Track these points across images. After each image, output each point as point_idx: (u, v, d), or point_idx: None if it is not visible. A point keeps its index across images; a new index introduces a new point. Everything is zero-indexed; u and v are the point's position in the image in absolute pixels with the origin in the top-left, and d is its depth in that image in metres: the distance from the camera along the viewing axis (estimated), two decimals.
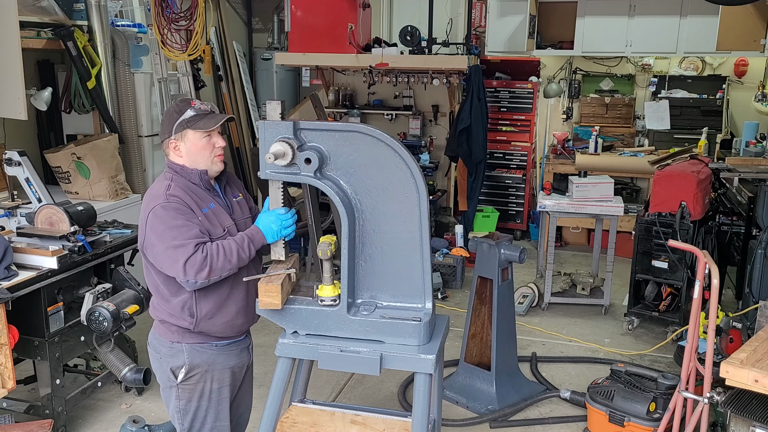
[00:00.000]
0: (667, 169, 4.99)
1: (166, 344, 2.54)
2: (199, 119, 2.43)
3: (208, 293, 2.46)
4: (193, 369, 2.53)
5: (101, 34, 5.15)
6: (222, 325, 2.53)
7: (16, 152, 3.98)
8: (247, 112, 8.02)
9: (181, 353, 2.52)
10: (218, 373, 2.58)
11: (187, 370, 2.53)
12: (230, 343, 2.61)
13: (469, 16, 6.92)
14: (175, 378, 2.54)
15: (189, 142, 2.44)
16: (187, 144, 2.44)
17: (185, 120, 2.42)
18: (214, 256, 2.33)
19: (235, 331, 2.60)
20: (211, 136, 2.45)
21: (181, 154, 2.46)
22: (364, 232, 2.40)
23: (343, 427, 2.65)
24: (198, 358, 2.53)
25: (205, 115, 2.45)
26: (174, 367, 2.54)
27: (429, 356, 2.35)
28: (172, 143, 2.46)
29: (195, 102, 2.47)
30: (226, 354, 2.60)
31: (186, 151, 2.46)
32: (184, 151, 2.46)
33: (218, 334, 2.56)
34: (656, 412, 3.40)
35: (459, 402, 4.03)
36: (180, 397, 2.57)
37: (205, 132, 2.42)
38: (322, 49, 6.25)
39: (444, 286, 5.81)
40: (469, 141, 6.26)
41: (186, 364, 2.52)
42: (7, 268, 3.22)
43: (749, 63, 7.11)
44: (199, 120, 2.42)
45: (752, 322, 3.77)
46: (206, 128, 2.42)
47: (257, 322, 2.72)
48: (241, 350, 2.68)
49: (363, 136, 2.32)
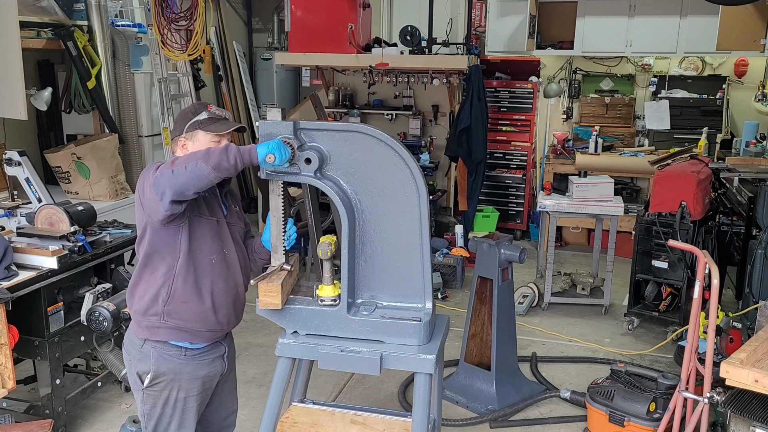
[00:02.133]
0: (667, 169, 4.99)
1: (136, 347, 2.50)
2: (212, 123, 2.45)
3: (185, 275, 2.41)
4: (159, 376, 2.48)
5: (101, 34, 5.15)
6: (194, 314, 2.44)
7: (16, 152, 3.98)
8: (247, 112, 8.02)
9: (148, 358, 2.47)
10: (185, 382, 2.51)
11: (152, 376, 2.48)
12: (201, 352, 2.53)
13: (469, 16, 6.92)
14: (141, 383, 2.50)
15: (198, 142, 2.45)
16: (195, 144, 2.45)
17: (198, 121, 2.45)
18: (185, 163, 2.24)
19: (207, 327, 2.49)
20: (220, 141, 2.45)
21: (187, 151, 2.46)
22: (364, 232, 2.40)
23: (343, 427, 2.66)
24: (164, 366, 2.47)
25: (218, 120, 2.47)
26: (140, 371, 2.50)
27: (429, 356, 2.36)
28: (182, 141, 2.47)
29: (212, 107, 2.51)
30: (196, 363, 2.52)
31: (193, 150, 2.44)
32: (191, 150, 2.45)
33: (189, 325, 2.45)
34: (656, 412, 3.40)
35: (459, 402, 4.03)
36: (145, 401, 2.53)
37: (215, 135, 2.44)
38: (322, 49, 6.25)
39: (444, 286, 5.80)
40: (469, 141, 6.26)
41: (152, 370, 2.47)
42: (7, 268, 3.22)
43: (749, 63, 7.11)
44: (211, 123, 2.45)
45: (752, 322, 3.77)
46: (217, 131, 2.44)
47: (257, 322, 2.72)
48: (214, 359, 2.59)
49: (363, 136, 2.32)
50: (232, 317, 2.58)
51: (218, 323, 2.52)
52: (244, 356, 4.60)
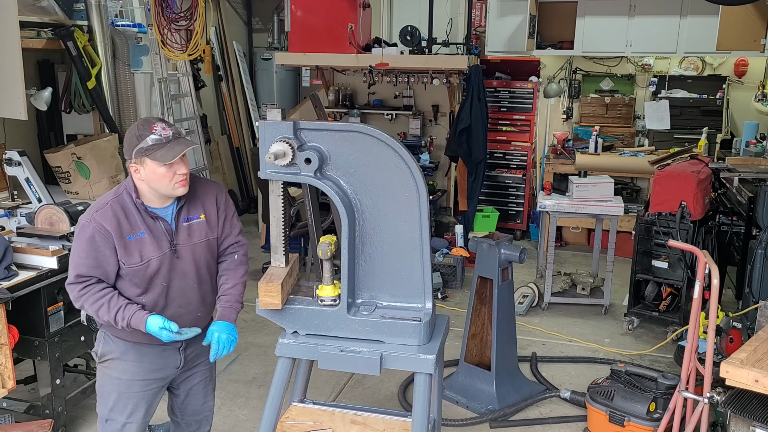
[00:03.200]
0: (667, 169, 4.99)
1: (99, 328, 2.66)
2: (158, 149, 2.34)
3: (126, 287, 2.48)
4: (106, 354, 2.60)
5: (101, 34, 5.15)
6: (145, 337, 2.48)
7: (16, 152, 3.98)
8: (247, 112, 8.03)
9: (101, 337, 2.63)
10: (130, 364, 2.58)
11: (101, 354, 2.61)
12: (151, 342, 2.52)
13: (469, 16, 6.92)
14: (96, 358, 2.65)
15: (148, 169, 2.37)
16: (146, 171, 2.38)
17: (143, 148, 2.34)
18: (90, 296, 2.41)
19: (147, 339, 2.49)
20: (173, 164, 2.37)
21: (141, 177, 2.40)
22: (364, 232, 2.40)
23: (343, 427, 2.66)
24: (110, 345, 2.59)
25: (166, 143, 2.35)
26: (95, 349, 2.65)
27: (429, 356, 2.36)
28: (133, 166, 2.40)
29: (156, 126, 2.37)
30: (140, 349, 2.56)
31: (146, 177, 2.39)
32: (144, 176, 2.40)
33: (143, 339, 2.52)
34: (656, 412, 3.41)
35: (459, 402, 4.03)
36: (97, 376, 2.67)
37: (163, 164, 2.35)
38: (322, 49, 6.25)
39: (444, 286, 5.80)
40: (469, 141, 6.26)
41: (100, 348, 2.62)
42: (7, 268, 3.22)
43: (749, 63, 7.11)
44: (157, 150, 2.34)
45: (752, 322, 3.77)
46: (163, 161, 2.34)
47: (257, 322, 2.72)
48: (165, 350, 2.60)
49: (363, 136, 2.32)
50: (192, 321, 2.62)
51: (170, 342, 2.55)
52: (244, 356, 4.60)
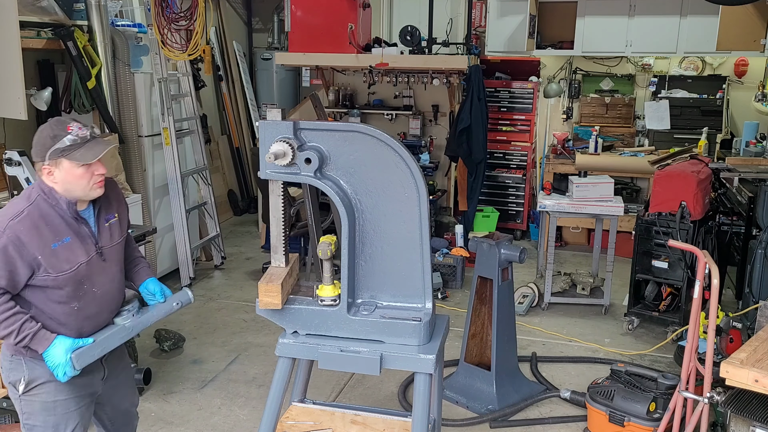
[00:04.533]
0: (667, 169, 4.99)
1: (6, 357, 2.40)
2: (76, 149, 2.25)
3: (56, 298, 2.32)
4: (33, 381, 2.38)
5: (101, 34, 5.15)
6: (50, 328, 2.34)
7: (16, 152, 3.98)
8: (247, 112, 8.04)
9: (20, 366, 2.37)
10: (61, 384, 2.38)
11: (26, 382, 2.37)
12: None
13: (469, 16, 6.93)
14: (17, 390, 2.39)
15: (64, 171, 2.26)
16: (62, 173, 2.27)
17: (60, 149, 2.23)
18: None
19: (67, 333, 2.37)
20: (90, 164, 2.29)
21: (55, 180, 2.29)
22: (364, 232, 2.40)
23: (343, 427, 2.66)
24: (37, 370, 2.36)
25: (84, 143, 2.27)
26: (13, 380, 2.40)
27: (429, 356, 2.36)
28: (46, 168, 2.27)
29: (72, 126, 2.27)
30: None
31: (61, 179, 2.28)
32: (58, 178, 2.28)
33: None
34: (656, 412, 3.41)
35: (459, 402, 4.03)
36: (23, 410, 2.42)
37: (81, 165, 2.26)
38: (322, 49, 6.25)
39: (444, 286, 5.80)
40: (469, 141, 6.26)
41: (25, 376, 2.37)
42: None
43: (749, 63, 7.11)
44: (75, 150, 2.25)
45: (752, 322, 3.78)
46: (84, 161, 2.26)
47: (257, 322, 2.72)
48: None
49: (363, 136, 2.32)
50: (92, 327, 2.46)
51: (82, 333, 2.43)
52: (244, 356, 4.60)
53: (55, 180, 2.29)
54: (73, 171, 2.27)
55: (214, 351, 4.66)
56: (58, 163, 2.26)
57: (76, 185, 2.29)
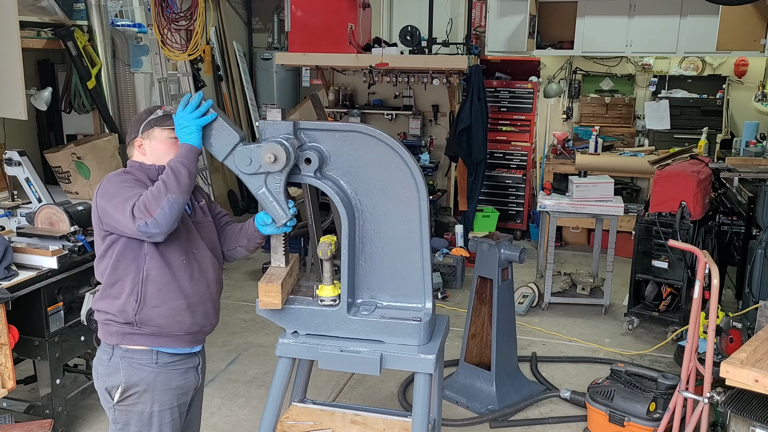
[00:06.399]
0: (667, 169, 4.99)
1: (104, 361, 2.36)
2: (168, 119, 2.39)
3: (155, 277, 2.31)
4: (130, 388, 2.33)
5: (101, 34, 5.15)
6: (167, 318, 2.33)
7: (16, 152, 3.98)
8: (247, 112, 8.03)
9: (117, 371, 2.33)
10: (159, 394, 2.36)
11: (123, 389, 2.33)
12: (174, 361, 2.40)
13: (469, 15, 6.93)
14: (111, 399, 2.35)
15: (155, 140, 2.39)
16: (152, 142, 2.40)
17: (154, 119, 2.40)
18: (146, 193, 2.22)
19: (182, 329, 2.37)
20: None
21: (144, 152, 2.41)
22: (364, 232, 2.40)
23: (343, 427, 2.66)
24: (135, 376, 2.33)
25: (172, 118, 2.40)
26: (109, 386, 2.35)
27: (429, 356, 2.36)
28: (138, 141, 2.41)
29: (165, 107, 2.48)
30: (168, 373, 2.38)
31: (150, 150, 2.40)
32: (148, 150, 2.41)
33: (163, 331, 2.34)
34: (656, 412, 3.40)
35: (459, 402, 4.03)
36: (117, 419, 2.37)
37: (172, 130, 2.37)
38: (322, 49, 6.25)
39: (444, 286, 5.80)
40: (469, 141, 6.26)
41: (122, 383, 2.33)
42: (7, 268, 3.22)
43: (749, 63, 7.10)
44: (168, 119, 2.39)
45: (752, 322, 3.77)
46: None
47: (257, 322, 2.71)
48: (187, 369, 2.45)
49: (363, 136, 2.32)
50: (211, 316, 2.46)
51: (195, 324, 2.41)
52: (244, 356, 4.60)
53: (144, 152, 2.40)
54: (163, 140, 2.38)
55: (214, 351, 4.66)
56: (150, 133, 2.39)
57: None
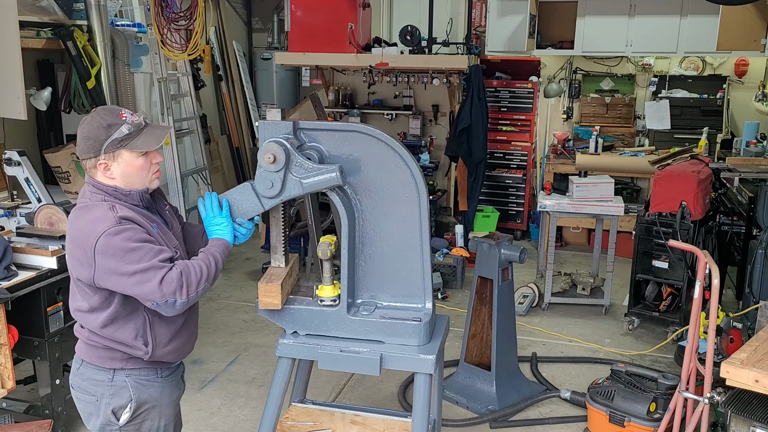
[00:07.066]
0: (667, 169, 4.99)
1: (104, 382, 2.18)
2: (135, 137, 2.09)
3: (162, 318, 2.17)
4: (141, 406, 2.21)
5: (101, 33, 5.14)
6: (175, 352, 2.27)
7: (15, 152, 3.98)
8: (247, 112, 8.03)
9: (125, 389, 2.18)
10: (165, 408, 2.29)
11: (134, 408, 2.19)
12: (171, 373, 2.34)
13: (469, 15, 6.92)
14: (117, 420, 2.19)
15: (124, 163, 2.09)
16: (121, 165, 2.09)
17: (118, 139, 2.06)
18: (188, 269, 2.05)
19: (181, 357, 2.35)
20: (149, 153, 2.14)
21: (113, 176, 2.11)
22: (364, 232, 2.40)
23: (343, 427, 2.66)
24: (145, 393, 2.21)
25: (140, 131, 2.11)
26: (116, 407, 2.18)
27: (429, 356, 2.35)
28: (102, 163, 2.08)
29: (125, 114, 2.10)
30: (170, 386, 2.32)
31: (120, 173, 2.11)
32: (117, 173, 2.10)
33: (168, 360, 2.28)
34: (656, 412, 3.40)
35: (459, 402, 4.03)
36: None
37: (141, 154, 2.11)
38: (322, 49, 6.25)
39: (444, 286, 5.80)
40: (470, 141, 6.26)
41: (132, 401, 2.19)
42: (7, 268, 3.21)
43: (749, 63, 7.10)
44: (135, 138, 2.08)
45: (753, 322, 3.77)
46: (146, 147, 2.10)
47: (257, 322, 2.71)
48: (179, 380, 2.40)
49: (363, 136, 2.32)
50: (195, 336, 2.46)
51: (191, 348, 2.41)
52: (244, 356, 4.60)
53: (113, 175, 2.11)
54: (134, 162, 2.10)
55: (214, 351, 4.66)
56: (116, 155, 2.08)
57: (136, 177, 2.13)
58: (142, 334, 2.16)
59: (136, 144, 2.08)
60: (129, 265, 1.99)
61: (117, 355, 2.18)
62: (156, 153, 2.18)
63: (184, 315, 2.25)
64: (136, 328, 2.15)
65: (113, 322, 2.13)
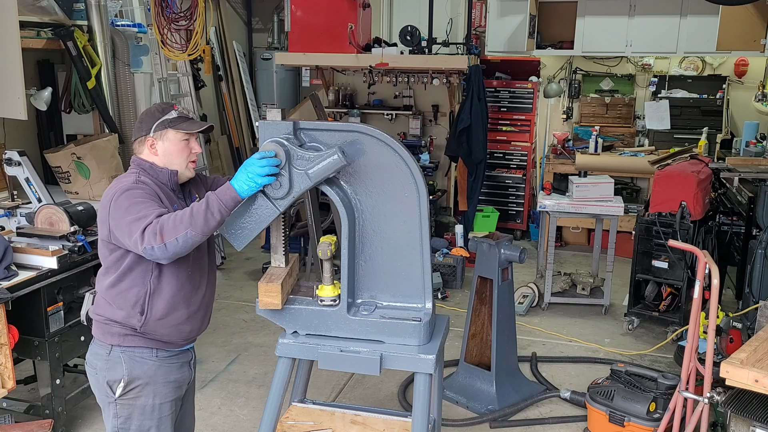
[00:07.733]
0: (667, 169, 4.99)
1: (102, 356, 2.38)
2: (182, 121, 2.40)
3: (162, 291, 2.34)
4: (133, 381, 2.36)
5: (101, 34, 5.15)
6: (170, 328, 2.39)
7: (16, 152, 3.98)
8: (247, 112, 8.02)
9: (119, 365, 2.36)
10: (160, 386, 2.41)
11: (126, 382, 2.36)
12: (171, 356, 2.45)
13: (469, 15, 6.92)
14: (113, 393, 2.37)
15: (168, 141, 2.38)
16: (165, 144, 2.39)
17: (168, 120, 2.38)
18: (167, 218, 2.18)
19: (182, 337, 2.45)
20: (190, 140, 2.42)
21: (156, 152, 2.40)
22: (364, 232, 2.40)
23: (343, 427, 2.66)
24: (138, 369, 2.36)
25: (187, 119, 2.43)
26: (111, 380, 2.37)
27: (429, 356, 2.36)
28: (149, 140, 2.39)
29: (178, 106, 2.46)
30: (167, 367, 2.43)
31: (163, 151, 2.39)
32: (160, 151, 2.39)
33: (163, 338, 2.40)
34: (656, 412, 3.40)
35: (459, 402, 4.03)
36: (118, 414, 2.39)
37: (185, 134, 2.39)
38: (322, 49, 6.25)
39: (444, 286, 5.80)
40: (469, 141, 6.26)
41: (125, 376, 2.36)
42: (7, 268, 3.22)
43: (749, 63, 7.10)
44: (181, 122, 2.39)
45: (752, 322, 3.77)
46: (189, 130, 2.39)
47: (257, 322, 2.71)
48: (182, 364, 2.50)
49: (363, 136, 2.32)
50: (205, 320, 2.54)
51: (193, 330, 2.48)
52: (244, 356, 4.60)
53: (156, 153, 2.39)
54: (176, 143, 2.38)
55: (214, 351, 4.66)
56: (163, 134, 2.38)
57: (176, 158, 2.40)
58: (141, 303, 2.33)
59: (181, 126, 2.38)
60: (129, 216, 2.21)
61: (114, 330, 2.36)
62: (195, 143, 2.45)
63: (183, 292, 2.37)
64: (137, 295, 2.33)
65: (119, 282, 2.33)
